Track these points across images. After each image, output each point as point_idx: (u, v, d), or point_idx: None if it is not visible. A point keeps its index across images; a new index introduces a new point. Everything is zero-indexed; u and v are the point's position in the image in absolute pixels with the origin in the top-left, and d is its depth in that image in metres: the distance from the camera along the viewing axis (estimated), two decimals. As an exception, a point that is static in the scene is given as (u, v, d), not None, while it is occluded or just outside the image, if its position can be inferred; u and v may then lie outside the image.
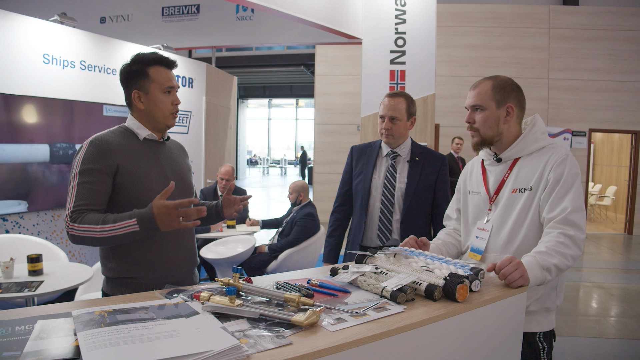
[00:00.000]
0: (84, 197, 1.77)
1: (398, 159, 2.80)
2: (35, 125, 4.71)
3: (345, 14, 5.76)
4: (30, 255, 3.17)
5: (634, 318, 4.99)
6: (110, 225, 1.72)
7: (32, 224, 4.78)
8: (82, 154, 1.82)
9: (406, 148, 2.82)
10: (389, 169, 2.78)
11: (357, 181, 2.85)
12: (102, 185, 1.80)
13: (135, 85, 1.94)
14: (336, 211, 2.97)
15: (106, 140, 1.86)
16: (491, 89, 1.95)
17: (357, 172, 2.87)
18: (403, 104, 2.73)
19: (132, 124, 1.98)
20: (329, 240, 2.96)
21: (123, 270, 1.89)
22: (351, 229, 2.92)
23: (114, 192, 1.84)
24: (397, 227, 2.75)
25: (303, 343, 1.10)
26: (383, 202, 2.75)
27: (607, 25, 9.92)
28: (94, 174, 1.79)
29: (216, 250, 4.82)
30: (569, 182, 1.83)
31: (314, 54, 11.01)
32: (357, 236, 2.81)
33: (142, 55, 1.94)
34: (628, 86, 9.93)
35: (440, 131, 10.01)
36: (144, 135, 1.96)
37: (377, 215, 2.75)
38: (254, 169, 30.74)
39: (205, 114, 7.50)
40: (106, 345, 1.03)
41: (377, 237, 2.76)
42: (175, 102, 1.98)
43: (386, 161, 2.81)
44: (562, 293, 1.98)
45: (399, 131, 2.74)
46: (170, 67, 1.98)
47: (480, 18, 10.07)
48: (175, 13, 8.38)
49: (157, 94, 1.93)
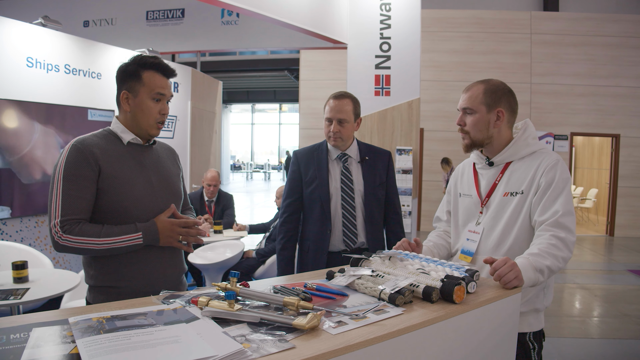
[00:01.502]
0: (73, 207, 1.73)
1: (349, 161, 2.75)
2: (18, 130, 4.64)
3: (331, 19, 5.78)
4: (16, 262, 3.10)
5: (617, 318, 5.07)
6: (113, 238, 1.74)
7: (15, 230, 4.70)
8: (64, 158, 1.76)
9: (354, 149, 2.77)
10: (343, 172, 2.72)
11: (311, 188, 2.73)
12: (87, 193, 1.76)
13: (125, 85, 1.89)
14: (287, 221, 2.79)
15: (88, 143, 1.80)
16: (482, 93, 1.97)
17: (309, 179, 2.75)
18: (350, 105, 2.68)
19: (116, 128, 1.92)
20: (284, 253, 2.79)
21: (105, 279, 1.83)
22: (309, 237, 2.76)
23: (96, 197, 1.80)
24: (362, 228, 2.70)
25: (306, 347, 1.09)
26: (344, 207, 2.68)
27: (587, 31, 10.11)
28: (78, 180, 1.74)
29: (204, 256, 4.78)
30: (560, 186, 1.86)
31: (297, 58, 11.03)
32: (321, 245, 2.70)
33: (140, 57, 1.90)
34: (608, 90, 10.12)
35: (425, 135, 10.08)
36: (128, 139, 1.90)
37: (340, 221, 2.68)
38: (237, 174, 30.62)
39: (190, 119, 7.46)
40: (108, 352, 1.02)
41: (342, 242, 2.68)
42: (163, 111, 1.92)
43: (337, 164, 2.74)
44: (551, 294, 2.01)
45: (347, 133, 2.68)
46: (167, 75, 1.93)
47: (463, 23, 10.19)
48: (159, 17, 8.33)
49: (145, 99, 1.88)
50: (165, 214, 1.87)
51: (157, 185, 1.93)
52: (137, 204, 1.84)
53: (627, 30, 10.07)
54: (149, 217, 1.85)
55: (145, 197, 1.86)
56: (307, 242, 2.76)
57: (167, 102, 1.96)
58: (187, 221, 1.89)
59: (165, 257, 1.92)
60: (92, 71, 5.54)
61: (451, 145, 9.91)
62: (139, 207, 1.84)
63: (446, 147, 9.97)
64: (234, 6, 4.71)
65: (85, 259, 1.87)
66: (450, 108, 9.97)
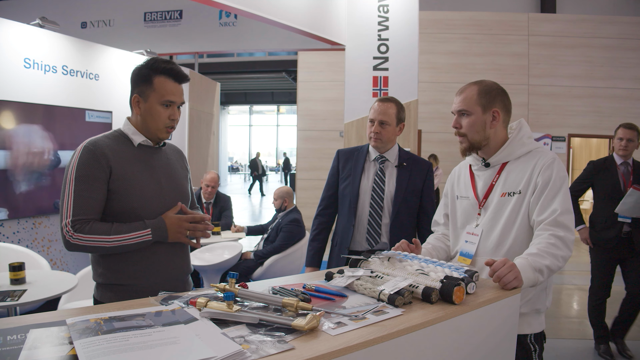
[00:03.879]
0: (84, 207, 1.77)
1: (386, 164, 2.81)
2: (15, 131, 4.62)
3: (329, 21, 5.78)
4: (13, 264, 3.09)
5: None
6: (123, 235, 1.78)
7: (12, 231, 4.68)
8: (77, 159, 1.80)
9: (394, 153, 2.83)
10: (378, 173, 2.79)
11: (344, 185, 2.84)
12: (98, 193, 1.80)
13: (137, 89, 1.91)
14: (320, 214, 2.95)
15: (100, 145, 1.84)
16: (477, 94, 1.96)
17: (345, 175, 2.86)
18: (393, 109, 2.76)
19: (127, 129, 1.95)
20: (313, 244, 2.94)
21: (113, 277, 1.87)
22: (337, 232, 2.90)
23: (106, 198, 1.83)
24: (386, 230, 2.75)
25: (305, 348, 1.09)
26: (372, 206, 2.75)
27: (584, 33, 10.13)
28: (90, 181, 1.78)
29: (202, 257, 4.77)
30: (557, 184, 1.86)
31: (295, 60, 11.03)
32: (344, 240, 2.80)
33: (154, 62, 1.90)
34: (605, 92, 10.14)
35: (423, 137, 10.08)
36: (138, 141, 1.93)
37: (366, 219, 2.76)
38: (235, 176, 30.60)
39: (188, 120, 7.45)
40: (106, 353, 1.01)
41: (365, 241, 2.76)
42: (172, 116, 1.93)
43: (374, 165, 2.82)
44: (550, 294, 2.00)
45: (388, 136, 2.76)
46: (179, 80, 1.93)
47: (461, 25, 10.20)
48: (157, 18, 8.32)
49: (155, 104, 1.89)
50: (173, 210, 1.91)
51: (166, 187, 1.96)
52: (146, 205, 1.87)
53: (624, 32, 10.10)
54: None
55: (154, 199, 1.90)
56: (336, 237, 2.88)
57: (179, 107, 1.97)
58: (195, 216, 1.93)
59: (172, 256, 1.96)
60: (89, 72, 5.52)
61: (449, 147, 9.92)
62: (148, 208, 1.87)
63: (444, 149, 9.97)
64: (232, 7, 4.71)
65: (94, 257, 1.91)
66: (448, 109, 9.87)
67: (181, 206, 1.94)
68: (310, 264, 2.93)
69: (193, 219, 1.92)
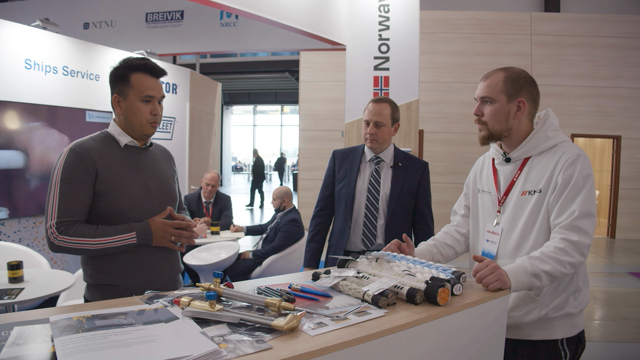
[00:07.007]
0: (68, 209, 1.78)
1: (382, 165, 2.81)
2: (17, 131, 4.65)
3: (329, 21, 5.79)
4: (11, 262, 3.11)
5: (617, 321, 5.05)
6: (108, 238, 1.79)
7: (13, 230, 4.71)
8: (63, 162, 1.80)
9: (389, 154, 2.83)
10: (373, 174, 2.79)
11: (340, 185, 2.85)
12: (83, 195, 1.80)
13: (116, 89, 1.92)
14: (317, 215, 2.95)
15: (86, 147, 1.84)
16: (503, 81, 1.84)
17: (340, 176, 2.87)
18: (388, 109, 2.75)
19: (113, 130, 1.95)
20: (310, 244, 2.95)
21: (102, 277, 1.88)
22: (333, 233, 2.91)
23: (93, 199, 1.84)
24: (382, 231, 2.75)
25: (283, 347, 1.09)
26: (367, 207, 2.76)
27: (587, 32, 10.07)
28: (75, 183, 1.79)
29: (200, 257, 4.78)
30: (579, 184, 1.72)
31: (298, 60, 11.03)
32: (340, 241, 2.81)
33: (128, 60, 1.92)
34: (609, 92, 10.08)
35: (424, 137, 10.06)
36: (125, 141, 1.93)
37: (362, 220, 2.76)
38: (238, 176, 30.62)
39: (189, 120, 7.46)
40: (83, 350, 1.02)
41: (361, 242, 2.76)
42: (154, 111, 1.93)
43: (370, 166, 2.82)
44: (585, 296, 1.87)
45: (383, 136, 2.76)
46: (155, 75, 1.93)
47: (463, 25, 10.17)
48: (159, 19, 8.35)
49: (135, 101, 1.89)
50: (161, 215, 1.92)
51: (153, 188, 1.96)
52: (134, 206, 1.87)
53: (628, 31, 10.04)
54: (144, 219, 1.89)
55: (141, 200, 1.90)
56: (332, 238, 2.90)
57: (160, 102, 1.97)
58: (181, 223, 1.93)
59: (161, 256, 1.96)
60: (90, 73, 5.55)
61: (451, 147, 9.90)
62: (135, 209, 1.88)
63: (446, 149, 9.95)
64: (233, 8, 4.72)
65: (83, 258, 1.91)
66: (449, 109, 9.95)
67: (170, 210, 1.94)
68: (309, 265, 2.94)
69: (179, 225, 1.92)
